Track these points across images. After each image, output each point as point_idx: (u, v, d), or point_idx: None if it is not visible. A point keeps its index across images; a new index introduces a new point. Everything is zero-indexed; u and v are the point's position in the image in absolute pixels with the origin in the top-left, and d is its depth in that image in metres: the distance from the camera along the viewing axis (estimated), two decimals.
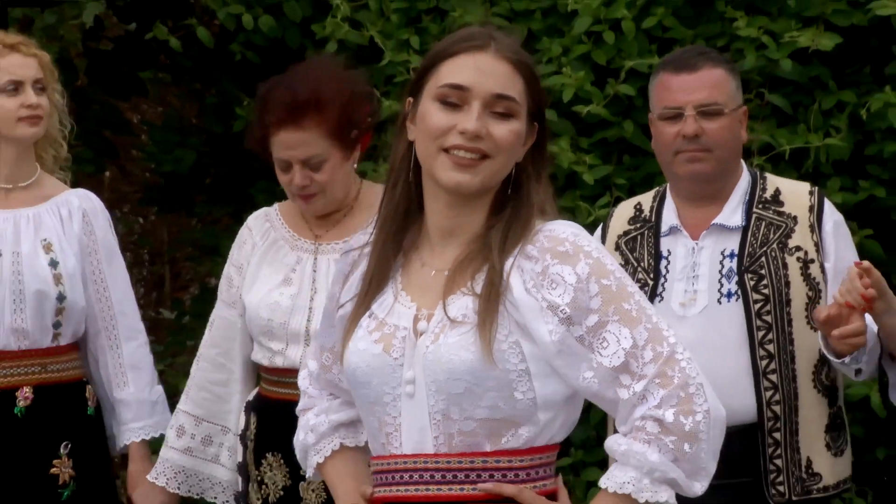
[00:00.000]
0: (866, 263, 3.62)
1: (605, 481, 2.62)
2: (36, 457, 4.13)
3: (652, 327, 2.61)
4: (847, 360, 3.72)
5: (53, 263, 4.16)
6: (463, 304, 2.64)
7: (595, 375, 2.61)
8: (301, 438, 2.90)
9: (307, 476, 2.98)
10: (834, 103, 5.05)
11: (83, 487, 4.17)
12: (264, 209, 4.09)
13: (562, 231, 2.65)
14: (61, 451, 4.16)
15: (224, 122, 5.92)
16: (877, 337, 3.73)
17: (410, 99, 2.70)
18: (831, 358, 3.75)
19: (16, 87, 4.13)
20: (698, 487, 2.61)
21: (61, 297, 4.14)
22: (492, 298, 2.61)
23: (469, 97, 2.63)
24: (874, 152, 5.01)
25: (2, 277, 4.14)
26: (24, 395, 4.15)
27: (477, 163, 2.63)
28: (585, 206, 4.97)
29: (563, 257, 2.62)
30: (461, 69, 2.65)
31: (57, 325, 4.16)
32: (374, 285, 2.71)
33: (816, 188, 3.97)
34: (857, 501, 4.96)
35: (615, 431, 2.68)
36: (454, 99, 2.64)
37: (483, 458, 2.63)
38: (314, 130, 3.83)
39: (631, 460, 2.59)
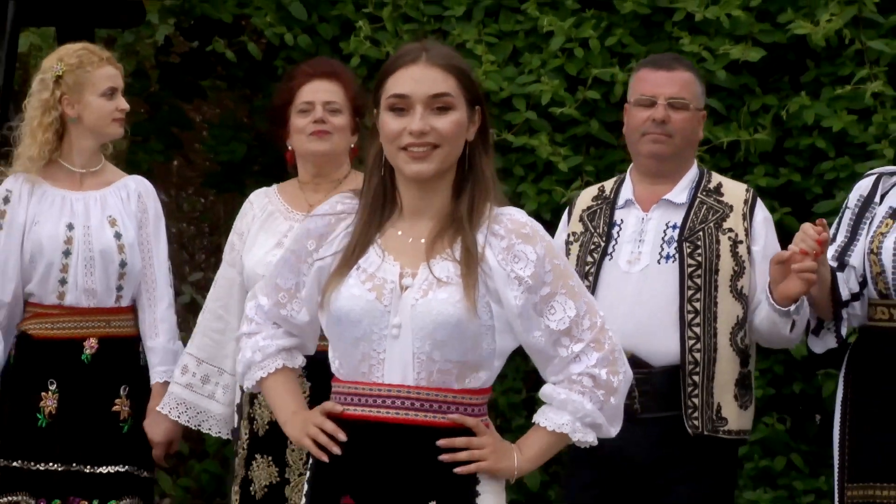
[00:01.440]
0: (824, 221, 3.88)
1: (543, 421, 2.91)
2: (101, 396, 4.40)
3: (588, 302, 2.90)
4: (792, 308, 3.91)
5: (118, 235, 4.39)
6: (445, 268, 2.87)
7: (542, 335, 2.88)
8: (248, 356, 3.07)
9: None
10: (760, 105, 5.49)
11: (137, 423, 4.43)
12: (264, 188, 4.34)
13: (520, 217, 2.91)
14: (121, 392, 4.42)
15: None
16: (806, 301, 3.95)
17: (375, 110, 2.94)
18: (778, 308, 3.93)
19: (112, 92, 4.37)
20: (613, 431, 2.93)
21: (123, 264, 4.38)
22: (471, 264, 2.84)
23: (411, 102, 2.85)
24: (792, 145, 5.47)
25: (75, 246, 4.35)
26: (91, 345, 4.38)
27: (429, 153, 2.85)
28: (560, 189, 5.44)
29: (526, 238, 2.87)
30: (401, 81, 2.87)
31: (119, 287, 4.40)
32: (358, 249, 2.92)
33: (752, 189, 4.18)
34: (778, 427, 5.42)
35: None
36: (400, 105, 2.86)
37: (453, 394, 2.87)
38: (340, 86, 4.16)
39: (568, 407, 2.88)
